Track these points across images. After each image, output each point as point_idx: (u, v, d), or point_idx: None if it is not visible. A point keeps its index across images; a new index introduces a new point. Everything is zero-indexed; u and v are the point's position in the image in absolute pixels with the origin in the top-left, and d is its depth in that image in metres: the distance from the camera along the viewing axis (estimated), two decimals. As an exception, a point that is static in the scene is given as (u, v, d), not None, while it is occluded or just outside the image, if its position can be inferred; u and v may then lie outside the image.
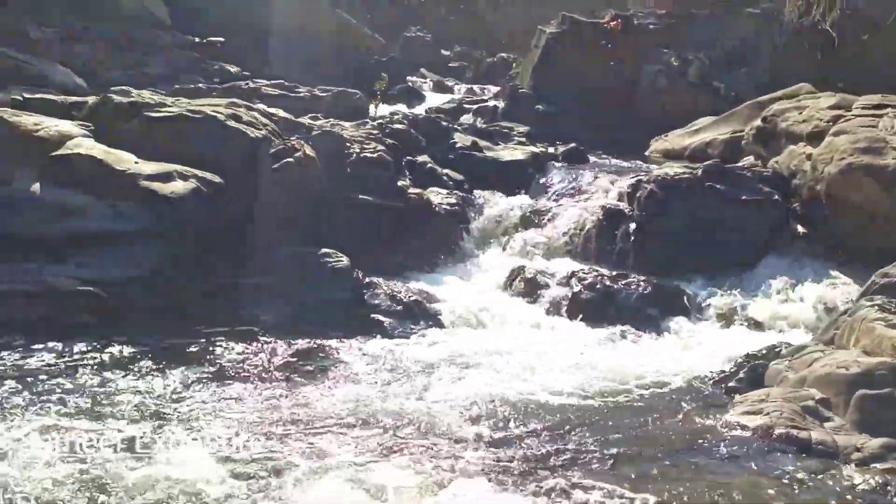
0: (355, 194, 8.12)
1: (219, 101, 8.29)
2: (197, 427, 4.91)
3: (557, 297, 7.68)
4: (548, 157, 10.81)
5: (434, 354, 6.42)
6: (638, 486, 4.43)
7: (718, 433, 5.11)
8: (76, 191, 6.74)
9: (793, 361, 5.66)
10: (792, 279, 7.71)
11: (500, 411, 5.42)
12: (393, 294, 7.09)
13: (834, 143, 7.86)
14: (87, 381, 5.45)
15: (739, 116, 13.84)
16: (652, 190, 8.58)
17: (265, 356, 6.19)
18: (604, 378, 6.12)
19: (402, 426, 5.10)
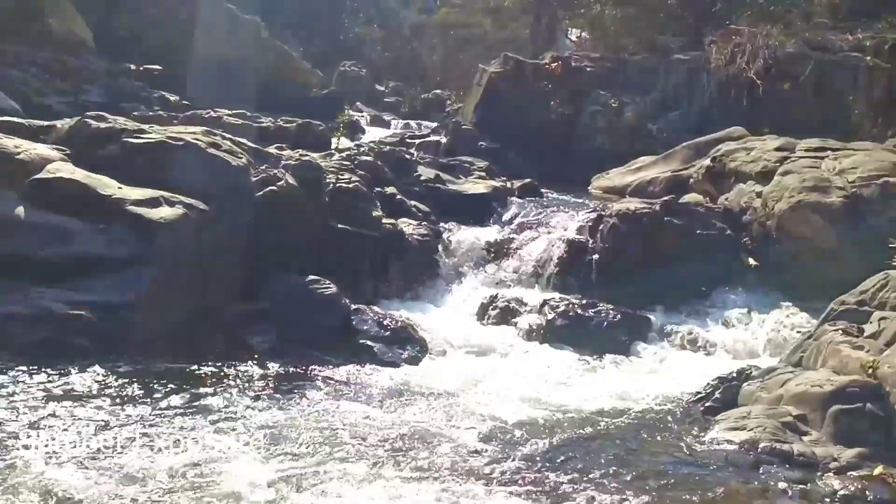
0: (334, 222, 8.28)
1: (195, 129, 8.33)
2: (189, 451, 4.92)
3: (532, 323, 8.01)
4: (505, 192, 11.18)
5: (424, 379, 6.63)
6: (636, 498, 4.71)
7: (707, 448, 5.48)
8: (62, 215, 6.68)
9: (765, 382, 6.10)
10: (747, 308, 8.23)
11: (496, 432, 5.62)
12: (380, 320, 7.27)
13: (783, 182, 8.49)
14: (87, 405, 5.42)
15: (678, 156, 14.63)
16: (614, 223, 9.03)
17: (258, 382, 6.25)
18: (586, 400, 6.44)
19: (406, 448, 5.23)
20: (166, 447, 4.92)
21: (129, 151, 7.64)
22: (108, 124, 7.79)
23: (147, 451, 4.83)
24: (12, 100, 15.62)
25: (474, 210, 10.47)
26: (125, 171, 7.49)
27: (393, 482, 4.71)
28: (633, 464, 5.24)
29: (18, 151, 6.91)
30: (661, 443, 5.63)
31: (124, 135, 7.74)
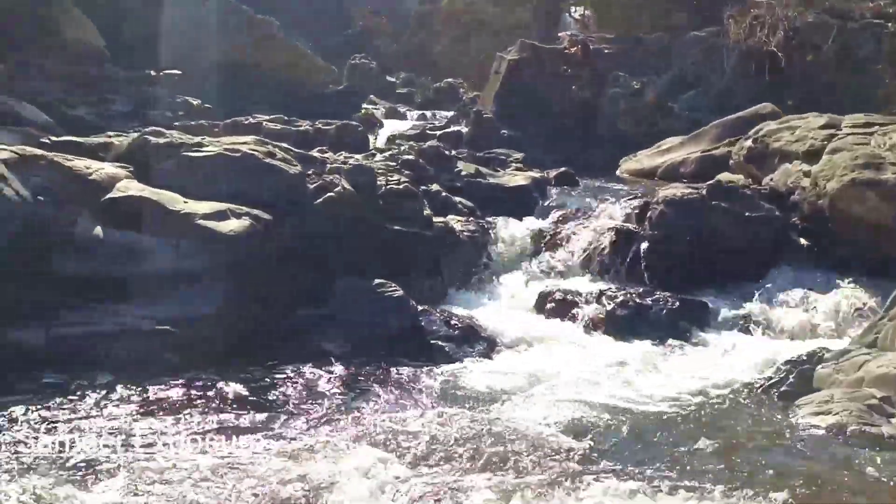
0: (388, 224, 8.38)
1: (247, 139, 8.43)
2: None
3: (591, 315, 8.10)
4: (544, 182, 11.26)
5: (498, 376, 6.74)
6: (735, 489, 4.82)
7: (794, 433, 5.60)
8: (136, 232, 6.80)
9: (839, 364, 6.21)
10: (803, 288, 8.31)
11: (581, 428, 5.71)
12: (447, 320, 7.40)
13: (833, 161, 8.55)
14: (186, 417, 5.57)
15: (707, 136, 14.69)
16: (662, 210, 9.11)
17: (340, 387, 6.36)
18: (659, 390, 6.54)
19: (504, 447, 5.33)
20: (269, 452, 5.06)
21: (189, 165, 7.75)
22: (166, 139, 7.89)
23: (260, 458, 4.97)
24: (46, 114, 15.74)
25: (516, 202, 10.57)
26: (186, 185, 7.60)
27: (498, 484, 4.82)
28: (724, 454, 5.35)
29: (90, 172, 7.02)
30: (746, 431, 5.74)
31: (183, 149, 7.85)
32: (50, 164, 6.83)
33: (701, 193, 9.18)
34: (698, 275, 8.83)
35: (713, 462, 5.19)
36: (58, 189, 6.70)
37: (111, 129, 16.13)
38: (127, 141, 8.19)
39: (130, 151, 7.94)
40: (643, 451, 5.36)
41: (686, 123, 17.84)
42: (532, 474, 4.96)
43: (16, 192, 6.30)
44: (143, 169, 7.75)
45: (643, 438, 5.55)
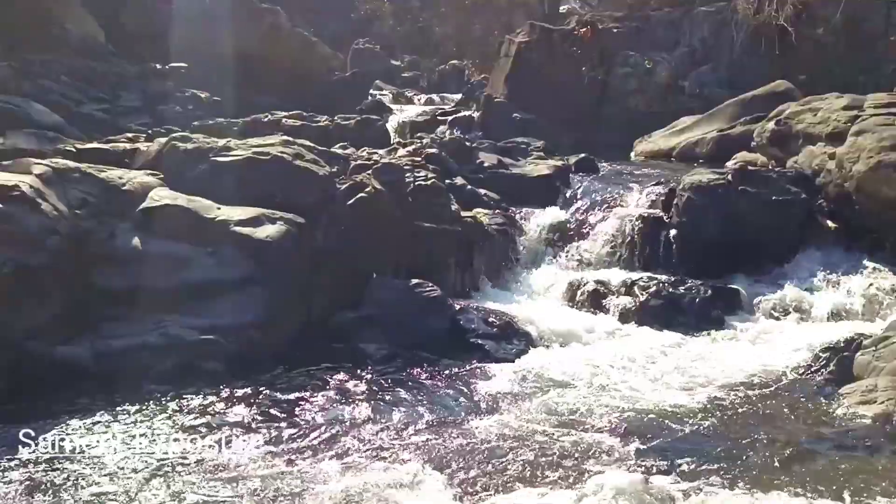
0: (419, 221, 8.39)
1: (273, 140, 8.43)
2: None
3: (624, 305, 8.14)
4: (566, 170, 11.24)
5: (539, 372, 6.78)
6: (788, 482, 4.87)
7: (840, 423, 5.66)
8: (173, 241, 6.84)
9: (878, 351, 6.24)
10: (833, 272, 8.33)
11: (627, 422, 5.77)
12: (484, 318, 7.43)
13: (858, 143, 8.53)
14: (234, 422, 5.64)
15: (722, 115, 14.66)
16: (689, 197, 9.10)
17: (384, 391, 6.37)
18: (699, 380, 6.61)
19: (556, 449, 5.39)
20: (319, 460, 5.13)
21: (219, 170, 7.77)
22: (195, 145, 7.91)
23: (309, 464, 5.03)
24: (55, 112, 15.68)
25: (540, 192, 10.54)
26: (216, 190, 7.62)
27: (546, 483, 4.88)
28: (772, 446, 5.41)
29: (124, 182, 7.05)
30: (793, 422, 5.80)
31: (211, 154, 7.87)
32: (84, 176, 6.86)
33: (727, 179, 9.18)
34: (727, 260, 8.83)
35: (763, 456, 5.25)
36: (94, 201, 6.70)
37: (122, 125, 16.13)
38: (154, 147, 8.18)
39: (159, 157, 7.94)
40: (691, 448, 5.40)
41: (698, 101, 17.79)
42: (578, 473, 5.02)
43: (53, 207, 6.32)
44: (172, 175, 7.77)
45: (689, 434, 5.61)
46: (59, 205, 6.40)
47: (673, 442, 5.43)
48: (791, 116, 9.84)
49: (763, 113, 13.46)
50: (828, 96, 9.77)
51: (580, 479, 4.92)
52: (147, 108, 17.97)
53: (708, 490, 4.81)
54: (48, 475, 4.85)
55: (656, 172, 11.85)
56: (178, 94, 18.62)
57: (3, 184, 6.00)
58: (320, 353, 6.89)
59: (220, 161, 7.81)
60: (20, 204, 6.02)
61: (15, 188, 6.03)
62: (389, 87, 27.18)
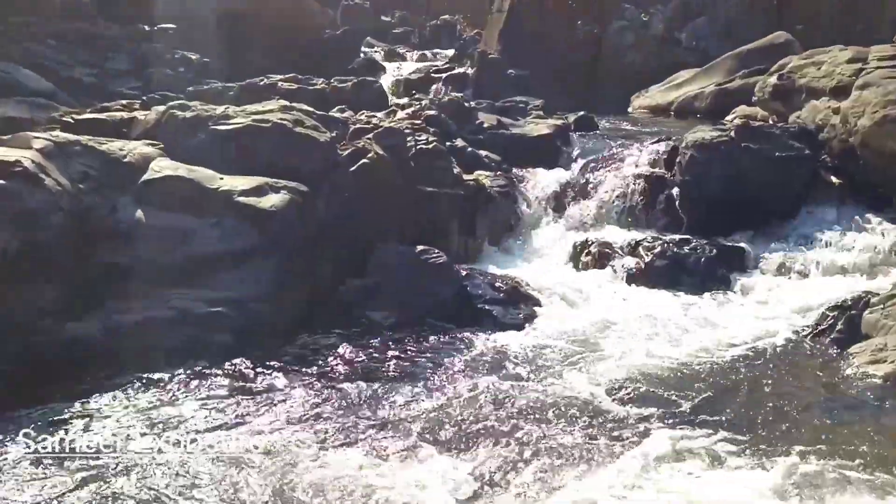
0: (422, 185, 8.33)
1: (272, 106, 8.30)
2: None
3: (629, 266, 8.14)
4: (565, 129, 11.15)
5: (548, 337, 6.81)
6: (803, 442, 4.91)
7: (850, 382, 5.71)
8: (176, 213, 6.76)
9: (887, 309, 6.27)
10: (837, 228, 8.33)
11: (639, 386, 5.82)
12: (491, 283, 7.42)
13: (863, 97, 8.47)
14: (246, 394, 5.65)
15: (720, 68, 14.52)
16: (692, 155, 9.05)
17: (395, 360, 6.35)
18: (708, 342, 6.65)
19: (568, 414, 5.43)
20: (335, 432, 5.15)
21: (219, 139, 7.66)
22: (193, 113, 7.78)
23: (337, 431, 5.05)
24: (44, 77, 15.43)
25: (540, 151, 10.47)
26: (217, 159, 7.51)
27: (560, 449, 4.91)
28: (785, 406, 5.46)
29: (124, 154, 6.95)
30: (803, 382, 5.84)
31: (211, 122, 7.74)
32: (85, 148, 6.75)
33: (730, 136, 9.10)
34: (731, 218, 8.83)
35: (776, 416, 5.31)
36: (95, 174, 6.61)
37: (112, 90, 15.89)
38: (152, 116, 8.05)
39: (157, 126, 7.82)
40: (702, 410, 5.46)
41: (695, 54, 17.61)
42: (591, 438, 5.06)
43: (56, 182, 6.23)
44: (171, 144, 7.66)
45: (699, 396, 5.65)
46: (62, 179, 6.31)
47: (686, 406, 5.47)
48: (794, 70, 9.74)
49: (762, 66, 13.35)
50: (831, 49, 9.66)
51: (594, 446, 4.95)
52: (137, 71, 17.70)
53: (720, 453, 4.85)
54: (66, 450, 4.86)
55: (656, 129, 11.78)
56: (168, 56, 18.31)
57: (4, 159, 5.90)
58: (328, 323, 6.88)
59: (220, 129, 7.69)
60: (22, 180, 5.93)
61: (17, 164, 5.93)
62: (381, 44, 26.76)
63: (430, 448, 5.00)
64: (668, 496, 4.37)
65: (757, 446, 4.89)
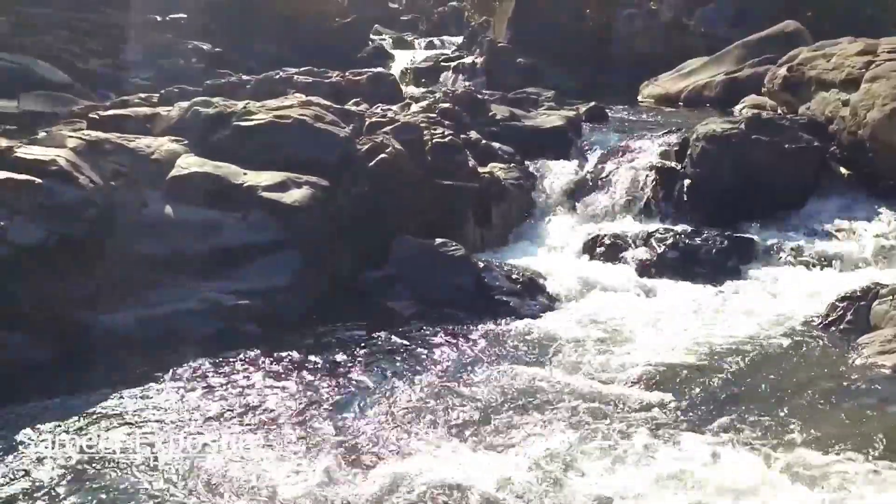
0: (437, 179, 8.52)
1: (292, 102, 8.50)
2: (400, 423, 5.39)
3: (642, 258, 8.33)
4: (577, 120, 11.31)
5: (563, 328, 6.96)
6: (811, 435, 5.10)
7: (860, 374, 5.87)
8: (204, 208, 6.98)
9: (895, 301, 6.43)
10: (846, 219, 8.50)
11: (653, 378, 5.96)
12: (508, 275, 7.61)
13: (873, 90, 8.61)
14: (274, 383, 5.86)
15: (730, 57, 14.65)
16: (703, 147, 9.21)
17: (417, 349, 6.53)
18: (720, 334, 6.78)
19: (584, 404, 5.59)
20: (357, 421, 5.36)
21: (242, 134, 7.87)
22: (216, 109, 8.00)
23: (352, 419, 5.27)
24: (57, 68, 15.62)
25: (552, 143, 10.64)
26: (240, 154, 7.73)
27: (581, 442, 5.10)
28: (795, 398, 5.62)
29: (152, 151, 7.16)
30: (814, 373, 6.00)
31: (234, 118, 7.95)
32: (115, 146, 6.95)
33: (740, 128, 9.26)
34: (741, 209, 9.00)
35: (786, 409, 5.45)
36: (125, 171, 6.82)
37: (126, 81, 16.08)
38: (175, 112, 8.26)
39: (182, 123, 8.02)
40: (715, 402, 5.60)
41: (704, 40, 17.74)
42: (610, 431, 5.24)
43: (89, 180, 6.43)
44: (195, 140, 7.87)
45: (713, 387, 5.80)
46: (94, 176, 6.51)
47: (698, 397, 5.66)
48: (804, 62, 9.87)
49: (771, 55, 13.50)
50: (841, 41, 9.80)
51: (612, 437, 5.15)
52: (149, 61, 17.87)
53: (732, 445, 5.05)
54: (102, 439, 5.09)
55: (667, 120, 11.93)
56: (180, 46, 18.49)
57: (41, 158, 6.11)
58: (350, 313, 7.08)
59: (242, 125, 7.89)
60: (58, 178, 6.14)
61: (52, 163, 6.15)
62: (389, 32, 26.91)
63: (454, 439, 5.20)
64: (674, 483, 4.56)
65: (764, 437, 5.07)
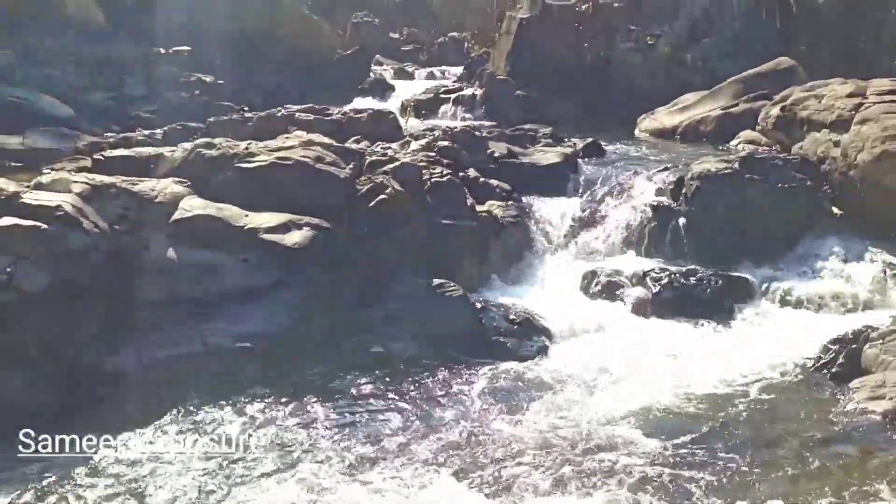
0: (436, 218, 8.65)
1: (293, 143, 8.64)
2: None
3: (638, 297, 8.44)
4: (574, 156, 11.45)
5: (559, 370, 7.13)
6: (806, 479, 5.20)
7: (850, 419, 5.98)
8: (206, 250, 7.10)
9: (886, 344, 6.56)
10: (840, 258, 8.62)
11: (646, 421, 6.13)
12: (505, 315, 7.72)
13: (862, 132, 8.77)
14: (273, 424, 5.97)
15: (725, 92, 14.84)
16: (698, 186, 9.35)
17: (416, 390, 6.69)
18: (714, 376, 6.92)
19: (582, 447, 5.72)
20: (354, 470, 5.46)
21: (244, 176, 8.00)
22: (219, 151, 8.13)
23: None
24: (62, 101, 15.79)
25: (550, 179, 10.75)
26: (242, 196, 7.87)
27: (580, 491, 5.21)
28: (784, 442, 5.76)
29: (155, 194, 7.28)
30: (804, 418, 6.12)
31: (236, 160, 8.09)
32: (120, 191, 7.08)
33: (734, 167, 9.40)
34: (736, 247, 9.11)
35: (774, 452, 5.59)
36: (129, 215, 6.95)
37: (129, 113, 16.28)
38: (179, 153, 8.39)
39: (185, 165, 8.16)
40: (702, 442, 5.76)
41: (701, 74, 17.92)
42: (607, 473, 5.35)
43: (94, 225, 6.56)
44: (198, 181, 8.00)
45: (706, 431, 5.94)
46: (99, 221, 6.64)
47: (692, 439, 5.77)
48: (796, 103, 10.05)
49: (766, 90, 13.70)
50: (831, 82, 9.98)
51: (610, 478, 5.24)
52: (153, 94, 18.06)
53: (716, 486, 5.15)
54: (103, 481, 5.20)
55: (663, 156, 12.08)
56: (183, 79, 18.66)
57: (47, 204, 6.24)
58: (349, 354, 7.18)
59: (244, 167, 8.02)
60: (64, 223, 6.27)
61: (58, 208, 6.28)
62: (389, 62, 27.19)
63: (450, 477, 5.31)
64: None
65: (753, 482, 5.18)
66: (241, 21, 21.27)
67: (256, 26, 21.31)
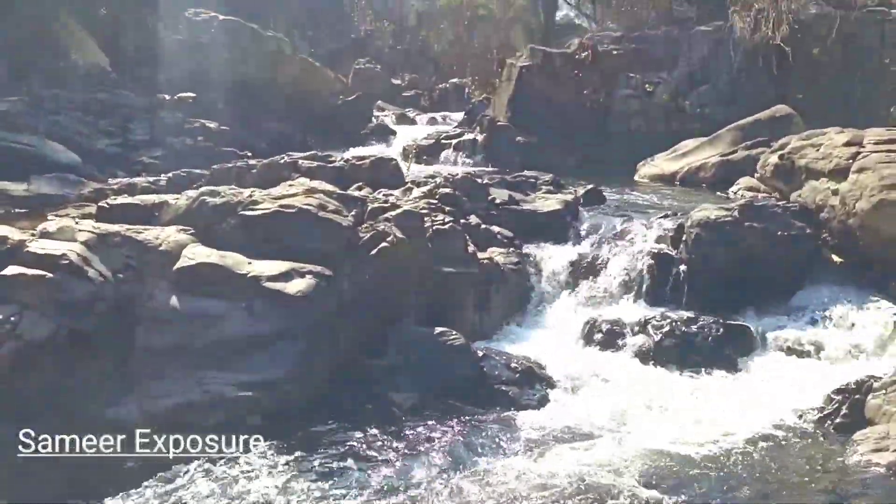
0: (437, 265, 8.69)
1: (297, 190, 8.72)
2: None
3: (639, 345, 8.46)
4: (575, 203, 11.54)
5: (561, 420, 7.08)
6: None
7: (855, 472, 5.94)
8: (209, 298, 7.12)
9: (888, 395, 6.55)
10: (840, 308, 8.63)
11: (649, 474, 6.06)
12: (507, 363, 7.73)
13: (860, 181, 8.85)
14: (275, 476, 5.95)
15: (724, 139, 15.03)
16: (697, 234, 9.41)
17: (419, 442, 6.64)
18: (717, 427, 6.87)
19: (581, 498, 5.69)
20: None
21: (248, 224, 8.05)
22: (223, 199, 8.19)
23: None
24: (67, 148, 15.97)
25: (550, 227, 10.81)
26: (246, 243, 7.91)
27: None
28: (789, 497, 5.70)
29: (159, 242, 7.33)
30: (808, 470, 6.09)
31: (240, 208, 8.14)
32: (124, 239, 7.14)
33: (734, 215, 9.46)
34: (736, 295, 9.12)
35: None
36: (134, 263, 6.99)
37: (134, 159, 16.46)
38: (183, 201, 8.46)
39: (190, 213, 8.23)
40: (711, 499, 5.71)
41: (699, 121, 18.17)
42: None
43: (99, 273, 6.61)
44: (202, 229, 8.06)
45: (708, 485, 5.89)
46: (104, 270, 6.69)
47: (693, 492, 5.74)
48: (794, 151, 10.16)
49: (764, 138, 13.89)
50: (828, 131, 10.09)
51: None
52: (158, 140, 18.26)
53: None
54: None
55: (664, 203, 12.18)
56: (187, 125, 18.87)
57: (52, 253, 6.29)
58: (351, 404, 7.18)
59: (248, 215, 8.08)
60: (68, 272, 6.31)
61: (63, 257, 6.33)
62: (391, 108, 27.52)
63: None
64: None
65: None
66: (244, 68, 21.61)
67: (259, 73, 21.63)
